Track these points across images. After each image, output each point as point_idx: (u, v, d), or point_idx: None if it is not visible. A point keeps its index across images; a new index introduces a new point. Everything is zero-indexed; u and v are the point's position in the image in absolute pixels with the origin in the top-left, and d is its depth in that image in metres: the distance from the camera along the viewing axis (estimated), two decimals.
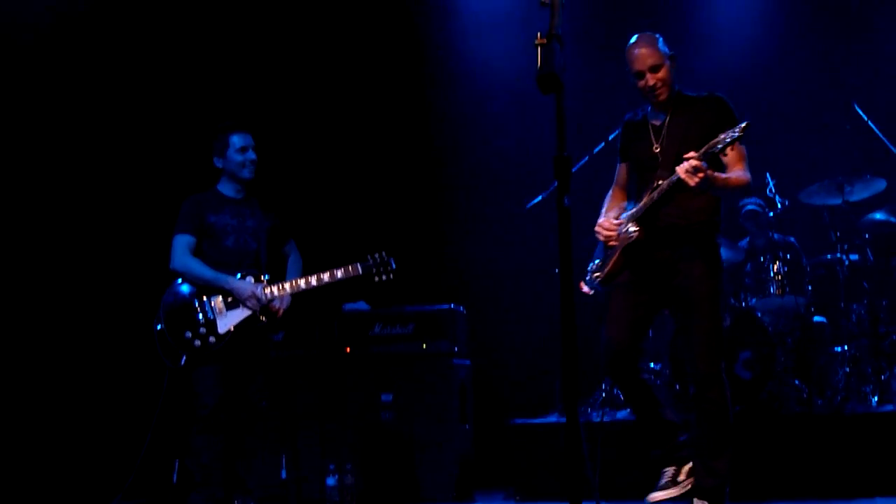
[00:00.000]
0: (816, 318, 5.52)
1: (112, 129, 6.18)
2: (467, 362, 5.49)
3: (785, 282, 5.40)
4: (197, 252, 4.39)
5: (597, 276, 3.91)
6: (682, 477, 3.93)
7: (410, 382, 5.34)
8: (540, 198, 5.38)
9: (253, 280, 4.36)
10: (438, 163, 6.66)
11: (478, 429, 5.57)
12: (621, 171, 4.09)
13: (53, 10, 5.99)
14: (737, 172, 3.74)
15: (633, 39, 3.93)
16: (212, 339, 4.25)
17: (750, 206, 5.71)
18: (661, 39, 3.93)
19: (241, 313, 4.31)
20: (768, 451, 4.69)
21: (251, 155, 4.45)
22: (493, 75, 6.65)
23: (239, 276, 4.36)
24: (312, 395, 5.41)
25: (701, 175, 3.44)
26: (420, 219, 6.53)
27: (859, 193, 5.39)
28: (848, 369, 5.21)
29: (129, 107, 6.25)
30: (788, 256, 5.51)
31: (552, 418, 5.36)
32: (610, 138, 5.42)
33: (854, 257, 5.46)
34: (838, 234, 5.48)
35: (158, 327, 4.32)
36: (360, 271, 4.46)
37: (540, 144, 5.82)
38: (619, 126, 4.15)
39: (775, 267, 5.41)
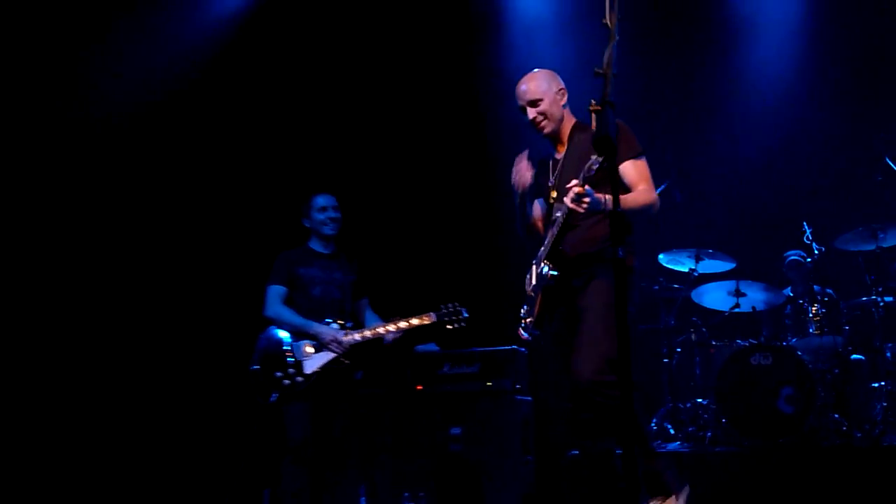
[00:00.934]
0: (854, 357, 5.61)
1: (216, 195, 6.69)
2: (529, 399, 5.59)
3: (823, 322, 5.53)
4: (288, 301, 4.75)
5: (529, 322, 3.80)
6: None
7: (477, 417, 5.42)
8: None
9: (337, 327, 4.65)
10: (496, 214, 6.65)
11: (539, 461, 5.60)
12: (536, 207, 3.98)
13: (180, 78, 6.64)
14: (635, 193, 3.59)
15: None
16: (299, 378, 4.56)
17: (793, 258, 5.91)
18: (547, 75, 3.85)
19: (325, 356, 4.60)
20: (810, 481, 4.76)
21: (332, 213, 4.82)
22: None
23: (329, 320, 4.64)
24: (388, 430, 5.57)
25: (587, 200, 3.33)
26: (481, 266, 6.72)
27: (892, 239, 5.53)
28: (885, 403, 5.28)
29: (232, 173, 6.77)
30: (826, 299, 5.64)
31: (606, 445, 5.45)
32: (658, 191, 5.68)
33: (888, 299, 5.56)
34: (873, 277, 5.58)
35: (253, 368, 4.66)
36: (434, 319, 4.68)
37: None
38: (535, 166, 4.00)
39: (814, 309, 5.57)
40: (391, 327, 4.64)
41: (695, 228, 6.04)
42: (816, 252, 5.67)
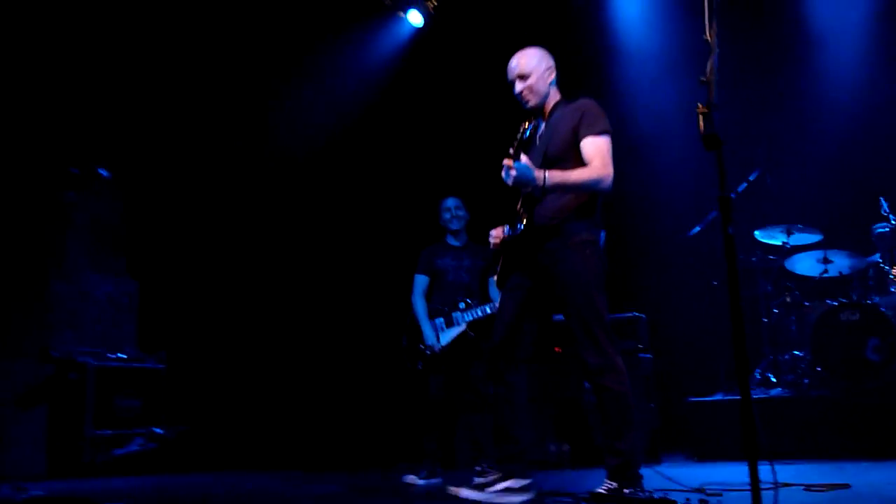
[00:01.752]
0: None
1: (381, 203, 7.65)
2: (650, 356, 6.11)
3: None
4: (429, 287, 5.53)
5: (497, 281, 3.92)
6: (495, 487, 3.68)
7: None
8: (699, 228, 6.15)
9: (464, 305, 5.35)
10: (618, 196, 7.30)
11: (661, 407, 6.16)
12: None
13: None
14: (580, 170, 3.56)
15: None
16: (433, 348, 5.33)
17: (880, 230, 6.20)
18: (539, 52, 3.86)
19: (454, 331, 5.35)
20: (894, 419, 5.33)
21: (457, 213, 5.56)
22: (652, 117, 7.05)
23: (459, 300, 5.36)
24: (534, 385, 5.86)
25: (513, 173, 3.41)
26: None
27: None
28: None
29: (395, 185, 7.66)
30: None
31: (718, 396, 6.02)
32: (751, 178, 6.22)
33: None
34: None
35: (404, 341, 5.52)
36: None
37: (693, 177, 6.55)
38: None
39: (894, 271, 6.05)
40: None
41: (785, 207, 6.34)
42: (893, 222, 6.09)
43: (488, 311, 5.27)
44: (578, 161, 3.60)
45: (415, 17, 7.60)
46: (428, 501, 4.35)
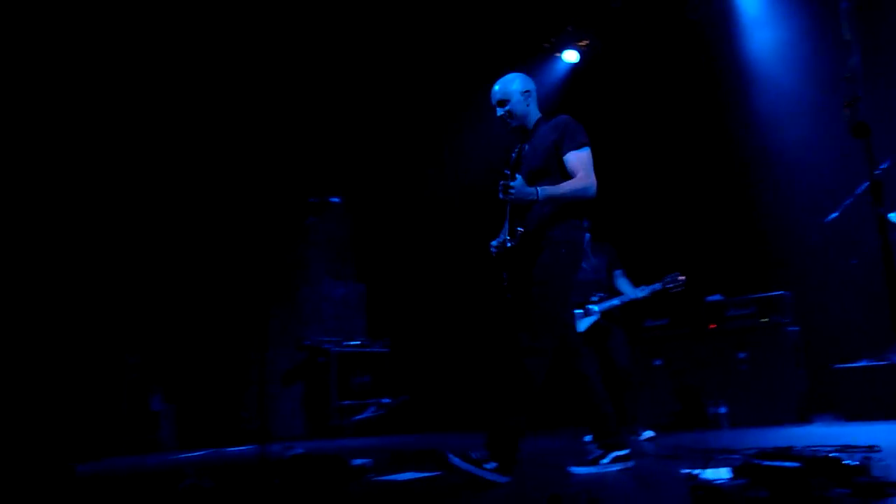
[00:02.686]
0: None
1: None
2: (797, 329, 5.98)
3: None
4: None
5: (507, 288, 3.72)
6: (605, 460, 3.47)
7: (757, 344, 5.87)
8: (836, 214, 5.83)
9: (597, 298, 5.39)
10: (747, 182, 6.95)
11: (809, 374, 5.96)
12: None
13: None
14: (567, 183, 3.43)
15: None
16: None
17: None
18: (517, 78, 3.68)
19: (590, 319, 5.43)
20: None
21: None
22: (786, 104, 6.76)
23: (594, 296, 5.41)
24: (691, 356, 6.17)
25: (511, 192, 3.32)
26: (748, 228, 6.96)
27: None
28: None
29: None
30: None
31: (863, 363, 5.72)
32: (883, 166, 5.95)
33: None
34: None
35: None
36: (659, 288, 5.16)
37: (831, 165, 6.25)
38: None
39: None
40: (640, 293, 5.25)
41: None
42: None
43: (616, 302, 5.33)
44: (559, 172, 3.47)
45: (570, 56, 7.78)
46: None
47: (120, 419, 6.21)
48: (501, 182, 3.37)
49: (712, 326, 6.15)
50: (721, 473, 2.41)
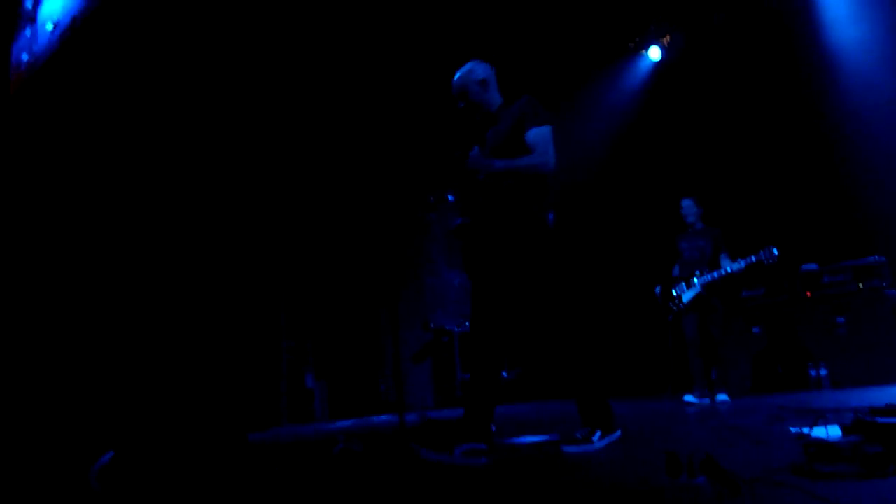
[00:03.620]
0: None
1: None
2: (894, 292, 5.56)
3: None
4: (679, 262, 5.63)
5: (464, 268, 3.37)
6: (593, 438, 3.02)
7: (855, 309, 5.57)
8: None
9: (699, 273, 5.36)
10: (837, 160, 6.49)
11: None
12: None
13: None
14: (526, 156, 3.06)
15: None
16: (681, 305, 5.43)
17: None
18: (473, 68, 3.33)
19: (693, 291, 5.39)
20: None
21: (690, 210, 5.60)
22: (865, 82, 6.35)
23: (696, 271, 5.38)
24: (789, 323, 5.87)
25: (465, 160, 3.02)
26: (840, 198, 6.49)
27: None
28: None
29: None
30: None
31: None
32: None
33: None
34: None
35: (658, 297, 5.64)
36: (753, 261, 5.04)
37: None
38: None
39: None
40: (735, 266, 5.14)
41: None
42: None
43: (715, 275, 5.27)
44: (521, 150, 3.10)
45: (654, 53, 7.49)
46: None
47: (280, 395, 6.49)
48: (457, 153, 3.10)
49: (808, 294, 5.82)
50: (832, 431, 2.24)
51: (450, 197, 4.77)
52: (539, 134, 3.11)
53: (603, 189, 7.83)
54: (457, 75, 3.35)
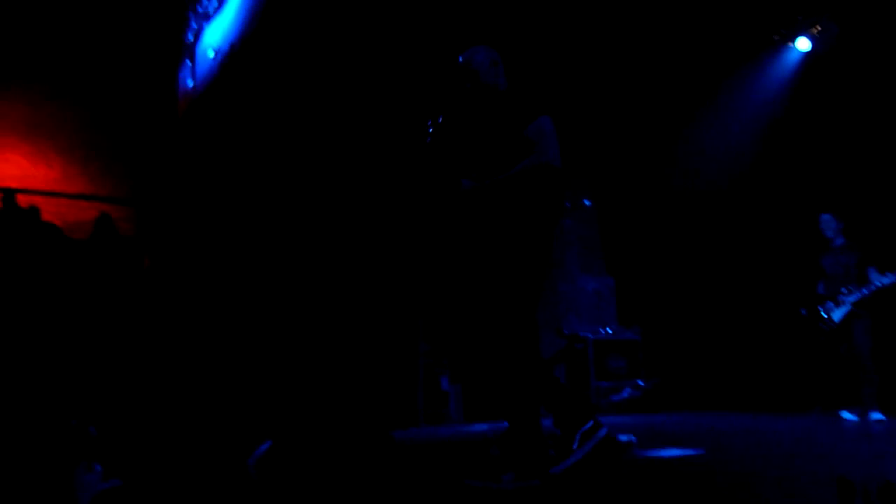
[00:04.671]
0: None
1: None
2: None
3: None
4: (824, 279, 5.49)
5: None
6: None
7: None
8: None
9: (846, 291, 5.21)
10: None
11: None
12: None
13: None
14: (527, 161, 2.84)
15: None
16: (831, 324, 5.26)
17: None
18: (482, 49, 3.12)
19: (843, 310, 5.23)
20: None
21: (829, 225, 5.46)
22: None
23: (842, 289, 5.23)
24: None
25: (461, 198, 2.87)
26: None
27: None
28: None
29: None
30: None
31: None
32: None
33: None
34: None
35: (803, 314, 5.51)
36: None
37: None
38: None
39: None
40: (885, 280, 5.04)
41: None
42: None
43: (865, 291, 5.15)
44: (522, 145, 2.89)
45: (802, 44, 7.02)
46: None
47: (418, 397, 6.69)
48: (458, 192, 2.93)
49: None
50: None
51: (586, 202, 4.74)
52: (536, 129, 2.89)
53: (746, 195, 7.43)
54: (466, 54, 3.15)
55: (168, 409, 6.54)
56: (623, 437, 3.72)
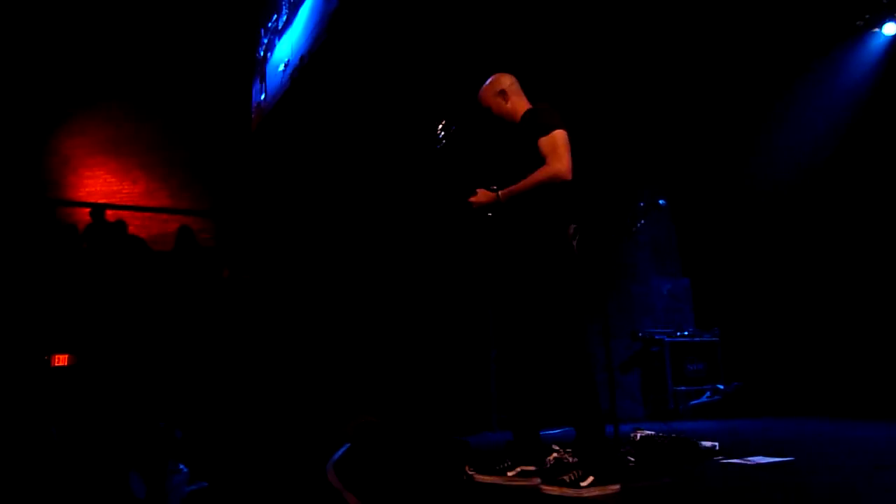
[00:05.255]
0: None
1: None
2: None
3: None
4: None
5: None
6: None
7: None
8: None
9: None
10: None
11: None
12: None
13: None
14: (535, 172, 2.98)
15: None
16: None
17: None
18: (490, 85, 3.27)
19: None
20: None
21: None
22: None
23: None
24: None
25: (475, 205, 3.03)
26: None
27: None
28: None
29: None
30: None
31: None
32: None
33: None
34: None
35: None
36: None
37: None
38: None
39: None
40: None
41: None
42: None
43: None
44: (539, 161, 3.02)
45: (890, 28, 6.62)
46: None
47: (491, 401, 6.68)
48: (459, 196, 3.10)
49: None
50: None
51: (661, 202, 4.62)
52: (546, 143, 3.02)
53: (830, 189, 7.09)
54: (481, 90, 3.35)
55: (250, 412, 6.77)
56: (706, 444, 3.62)
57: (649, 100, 7.60)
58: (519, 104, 3.29)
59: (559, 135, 3.05)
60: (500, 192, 3.09)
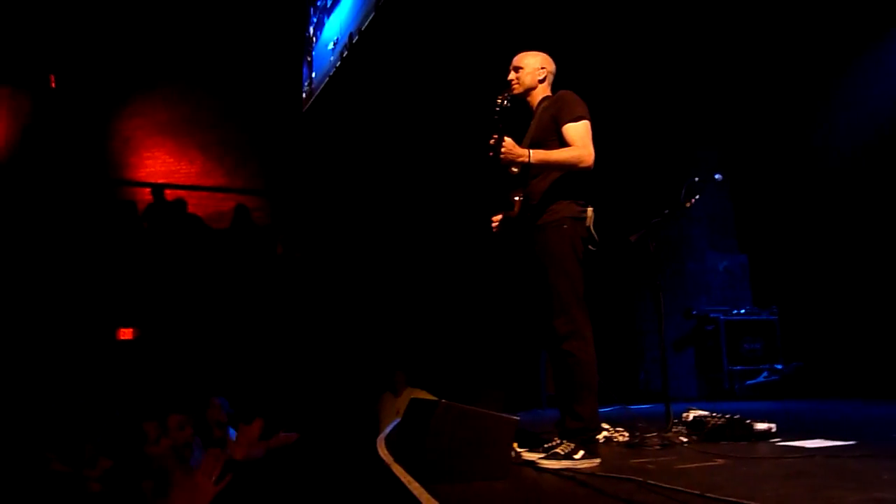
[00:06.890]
0: None
1: None
2: None
3: None
4: None
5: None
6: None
7: None
8: None
9: None
10: None
11: None
12: None
13: None
14: (560, 150, 3.07)
15: None
16: None
17: None
18: (538, 55, 3.40)
19: None
20: None
21: None
22: None
23: None
24: None
25: (504, 150, 2.98)
26: None
27: None
28: None
29: None
30: None
31: None
32: None
33: None
34: None
35: None
36: None
37: None
38: None
39: None
40: None
41: None
42: None
43: None
44: (558, 146, 3.13)
45: None
46: None
47: (540, 381, 6.69)
48: (493, 140, 3.03)
49: None
50: None
51: (717, 176, 4.48)
52: (574, 129, 3.11)
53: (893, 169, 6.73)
54: (522, 54, 3.43)
55: (301, 385, 6.92)
56: (762, 425, 3.54)
57: (711, 71, 7.36)
58: (544, 92, 3.42)
59: (587, 125, 3.15)
60: (531, 151, 3.12)
